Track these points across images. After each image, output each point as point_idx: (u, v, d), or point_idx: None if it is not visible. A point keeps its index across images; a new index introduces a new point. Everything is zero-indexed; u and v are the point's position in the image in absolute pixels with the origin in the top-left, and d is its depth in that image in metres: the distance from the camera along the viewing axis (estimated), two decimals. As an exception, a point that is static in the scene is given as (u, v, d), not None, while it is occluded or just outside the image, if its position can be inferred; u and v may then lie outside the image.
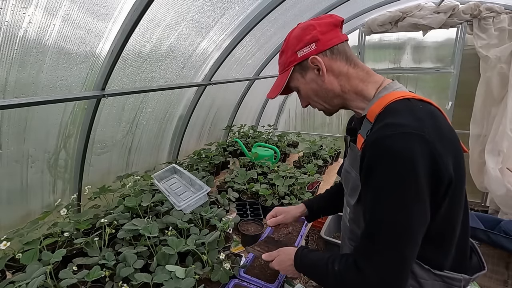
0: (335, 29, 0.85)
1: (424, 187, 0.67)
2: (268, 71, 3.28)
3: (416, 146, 0.66)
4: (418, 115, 0.71)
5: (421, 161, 0.65)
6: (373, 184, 0.72)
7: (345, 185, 0.98)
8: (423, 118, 0.70)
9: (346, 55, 0.85)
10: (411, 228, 0.69)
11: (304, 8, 2.53)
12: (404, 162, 0.66)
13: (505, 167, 3.00)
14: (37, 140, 1.44)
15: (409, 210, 0.68)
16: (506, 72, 2.98)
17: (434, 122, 0.72)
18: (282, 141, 3.07)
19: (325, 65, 0.84)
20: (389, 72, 3.74)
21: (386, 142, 0.68)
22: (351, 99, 0.88)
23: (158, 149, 2.37)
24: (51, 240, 1.24)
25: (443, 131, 0.72)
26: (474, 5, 3.00)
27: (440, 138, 0.69)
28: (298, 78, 0.91)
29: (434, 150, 0.66)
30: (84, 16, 1.25)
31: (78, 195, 1.67)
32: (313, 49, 0.84)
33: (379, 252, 0.71)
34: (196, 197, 1.53)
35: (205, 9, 1.73)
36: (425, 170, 0.66)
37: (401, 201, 0.68)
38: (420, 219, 0.69)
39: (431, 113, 0.74)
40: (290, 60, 0.89)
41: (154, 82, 1.91)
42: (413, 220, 0.69)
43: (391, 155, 0.67)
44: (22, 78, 1.21)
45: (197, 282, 1.09)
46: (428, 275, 0.78)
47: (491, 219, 2.30)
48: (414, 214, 0.68)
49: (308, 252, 0.96)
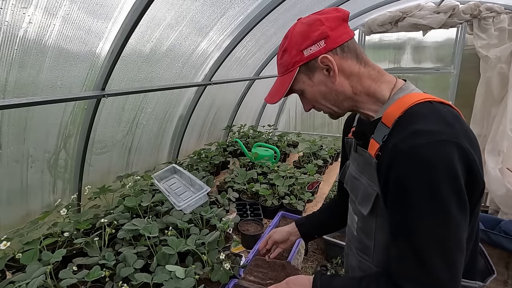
0: (343, 24, 0.76)
1: (466, 195, 0.63)
2: (268, 71, 3.28)
3: (455, 155, 0.61)
4: (448, 120, 0.65)
5: (460, 170, 0.61)
6: (410, 200, 0.65)
7: (353, 193, 0.90)
8: (453, 123, 0.65)
9: (356, 52, 0.77)
10: (459, 239, 0.64)
11: (304, 8, 2.53)
12: (447, 174, 0.61)
13: (505, 167, 3.00)
14: (37, 140, 1.44)
15: (458, 224, 0.63)
16: (506, 72, 2.98)
17: (462, 127, 0.66)
18: (282, 141, 3.07)
19: (336, 65, 0.75)
20: (389, 72, 3.68)
21: (420, 152, 0.62)
22: (362, 101, 0.80)
23: (158, 149, 2.37)
24: (51, 240, 1.24)
25: (470, 135, 0.67)
26: (474, 5, 3.00)
27: (471, 143, 0.65)
28: (304, 80, 0.80)
29: (470, 156, 0.63)
30: (84, 16, 1.25)
31: (78, 195, 1.67)
32: (322, 47, 0.74)
33: (430, 273, 0.63)
34: (196, 197, 1.53)
35: (205, 9, 1.73)
36: (463, 178, 0.62)
37: (449, 215, 0.62)
38: (465, 228, 0.65)
39: (457, 117, 0.69)
40: (295, 60, 0.77)
41: (154, 82, 1.91)
42: (460, 230, 0.63)
43: (429, 166, 0.62)
44: (22, 78, 1.21)
45: (197, 282, 1.09)
46: None
47: (491, 219, 2.30)
48: (461, 224, 0.63)
49: (330, 279, 0.82)
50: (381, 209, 0.76)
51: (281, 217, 1.72)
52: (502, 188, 2.97)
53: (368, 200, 0.79)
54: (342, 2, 2.65)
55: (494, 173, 3.03)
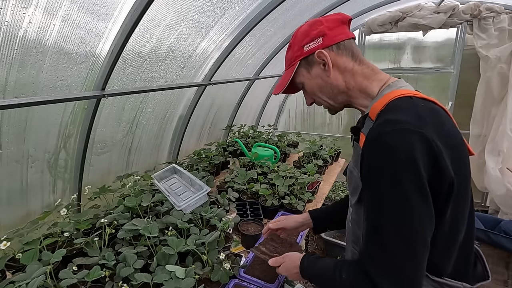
0: (342, 26, 0.85)
1: (427, 186, 0.64)
2: (268, 71, 3.28)
3: (416, 144, 0.64)
4: (419, 112, 0.69)
5: (421, 160, 0.63)
6: (374, 184, 0.69)
7: (348, 185, 0.96)
8: (424, 116, 0.69)
9: (352, 51, 0.85)
10: (420, 230, 0.65)
11: (304, 8, 2.53)
12: (404, 160, 0.63)
13: (505, 167, 3.00)
14: (37, 140, 1.44)
15: (415, 211, 0.65)
16: (506, 72, 2.98)
17: (436, 120, 0.70)
18: (282, 141, 3.07)
19: (331, 60, 0.84)
20: (389, 72, 3.69)
21: (385, 139, 0.66)
22: (355, 97, 0.87)
23: (158, 149, 2.37)
24: (51, 240, 1.24)
25: (445, 129, 0.70)
26: (474, 5, 3.00)
27: (441, 137, 0.67)
28: (304, 73, 0.90)
29: (434, 148, 0.64)
30: (84, 16, 1.25)
31: (78, 195, 1.67)
32: (320, 44, 0.84)
33: (390, 259, 0.66)
34: (196, 197, 1.53)
35: (205, 9, 1.73)
36: (426, 168, 0.64)
37: (406, 201, 0.64)
38: (428, 220, 0.66)
39: (433, 111, 0.73)
40: (296, 55, 0.88)
41: (154, 82, 1.91)
42: (422, 221, 0.65)
43: (390, 152, 0.65)
44: (22, 78, 1.21)
45: (197, 282, 1.09)
46: (427, 280, 0.74)
47: (491, 219, 2.30)
48: (421, 214, 0.65)
49: (315, 260, 0.91)
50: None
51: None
52: (502, 188, 2.97)
53: (356, 190, 0.83)
54: (342, 2, 2.65)
55: (494, 173, 3.03)
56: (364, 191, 0.76)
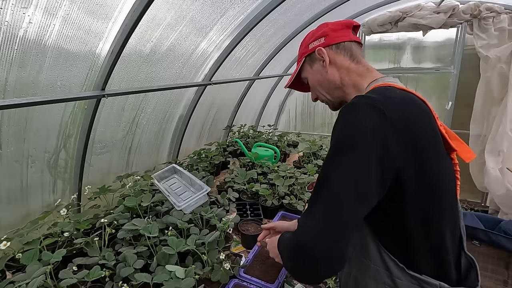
0: (345, 29, 0.94)
1: (366, 157, 0.66)
2: (268, 71, 3.28)
3: (369, 117, 0.67)
4: (389, 95, 0.73)
5: (371, 133, 0.66)
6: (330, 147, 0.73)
7: None
8: (392, 98, 0.72)
9: (351, 52, 0.92)
10: (342, 188, 0.66)
11: (304, 8, 2.53)
12: (356, 126, 0.67)
13: (505, 167, 3.00)
14: (37, 140, 1.44)
15: (343, 169, 0.67)
16: (506, 72, 2.98)
17: (407, 107, 0.72)
18: (282, 141, 3.07)
19: (329, 57, 0.92)
20: (389, 72, 3.74)
21: (347, 109, 0.72)
22: (348, 93, 0.93)
23: (158, 149, 2.37)
24: (51, 240, 1.24)
25: (414, 119, 0.71)
26: (474, 5, 3.00)
27: (404, 117, 0.69)
28: (307, 68, 1.01)
29: (391, 127, 0.67)
30: (84, 16, 1.25)
31: (78, 195, 1.67)
32: (321, 43, 0.94)
33: (316, 205, 0.69)
34: (196, 197, 1.53)
35: (205, 9, 1.73)
36: (374, 143, 0.66)
37: (341, 161, 0.67)
38: (354, 182, 0.66)
39: (406, 97, 0.75)
40: (303, 52, 1.01)
41: (154, 82, 1.91)
42: (346, 180, 0.66)
43: (343, 121, 0.71)
44: (22, 78, 1.21)
45: (197, 282, 1.09)
46: (404, 274, 0.75)
47: (491, 219, 2.30)
48: (348, 174, 0.66)
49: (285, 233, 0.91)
50: None
51: (281, 217, 1.73)
52: (502, 188, 2.97)
53: None
54: (342, 2, 2.65)
55: (494, 173, 3.03)
56: None
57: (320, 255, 0.65)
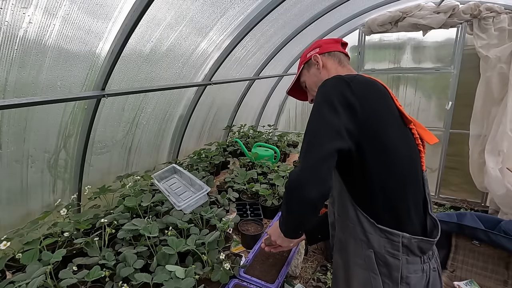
0: (335, 44, 1.19)
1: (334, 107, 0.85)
2: (268, 71, 3.28)
3: (343, 85, 0.88)
4: (354, 75, 0.95)
5: (339, 93, 0.87)
6: (313, 107, 0.91)
7: None
8: (357, 77, 0.92)
9: (339, 58, 1.16)
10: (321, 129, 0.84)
11: (304, 8, 2.53)
12: (329, 87, 0.90)
13: (505, 167, 3.00)
14: (37, 140, 1.44)
15: (323, 117, 0.85)
16: (506, 72, 2.98)
17: (367, 82, 0.93)
18: (282, 141, 3.07)
19: (322, 62, 1.15)
20: (389, 72, 3.74)
21: (322, 84, 0.93)
22: None
23: (158, 149, 2.37)
24: (51, 240, 1.24)
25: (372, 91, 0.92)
26: (474, 5, 3.00)
27: (367, 91, 0.90)
28: (305, 73, 1.22)
29: (355, 93, 0.87)
30: (84, 16, 1.25)
31: (78, 195, 1.67)
32: (317, 51, 1.17)
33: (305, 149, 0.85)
34: (196, 197, 1.53)
35: (205, 9, 1.73)
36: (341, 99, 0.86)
37: (317, 114, 0.87)
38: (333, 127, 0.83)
39: (369, 80, 0.95)
40: (302, 60, 1.23)
41: (154, 82, 1.91)
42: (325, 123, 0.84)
43: (322, 88, 0.92)
44: (22, 78, 1.21)
45: (197, 282, 1.09)
46: (374, 229, 0.90)
47: (491, 219, 2.30)
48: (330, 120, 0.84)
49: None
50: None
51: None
52: (502, 188, 2.97)
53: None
54: (342, 2, 2.65)
55: (494, 173, 3.03)
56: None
57: (304, 181, 0.81)
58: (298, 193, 0.83)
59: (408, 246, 0.88)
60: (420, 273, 0.89)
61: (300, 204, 0.85)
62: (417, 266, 0.89)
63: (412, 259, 0.88)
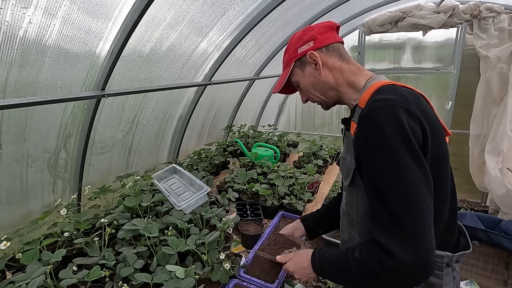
0: (331, 31, 0.98)
1: (418, 150, 0.72)
2: (268, 71, 3.28)
3: (402, 115, 0.73)
4: (402, 93, 0.80)
5: (409, 128, 0.72)
6: (371, 156, 0.76)
7: (342, 171, 1.03)
8: (406, 95, 0.78)
9: (340, 52, 0.97)
10: (423, 194, 0.70)
11: (304, 8, 2.53)
12: (394, 129, 0.72)
13: (505, 167, 3.00)
14: (37, 140, 1.44)
15: (411, 172, 0.70)
16: (506, 72, 2.98)
17: (416, 100, 0.80)
18: (282, 141, 3.07)
19: (321, 60, 0.95)
20: (389, 72, 3.74)
21: (375, 114, 0.75)
22: (344, 91, 0.97)
23: (158, 149, 2.37)
24: (51, 240, 1.24)
25: (425, 108, 0.79)
26: (474, 5, 3.00)
27: (422, 112, 0.76)
28: (298, 72, 1.01)
29: (419, 120, 0.74)
30: (84, 17, 1.25)
31: (78, 195, 1.67)
32: (311, 46, 0.96)
33: (397, 222, 0.70)
34: (196, 197, 1.53)
35: (205, 9, 1.73)
36: (414, 136, 0.72)
37: (400, 164, 0.71)
38: (424, 181, 0.71)
39: (413, 93, 0.83)
40: (291, 57, 1.00)
41: (154, 82, 1.91)
42: (418, 181, 0.70)
43: (381, 124, 0.73)
44: (22, 78, 1.21)
45: (197, 282, 1.09)
46: None
47: (491, 219, 2.30)
48: (417, 175, 0.71)
49: (325, 250, 0.96)
50: (359, 181, 0.86)
51: (281, 217, 1.72)
52: (502, 188, 2.97)
53: (349, 173, 0.91)
54: (342, 2, 2.65)
55: (494, 173, 3.03)
56: (361, 168, 0.81)
57: (431, 265, 0.69)
58: (418, 278, 0.71)
59: (449, 264, 0.84)
60: (452, 282, 0.86)
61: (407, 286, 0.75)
62: (450, 277, 0.86)
63: (447, 271, 0.85)
